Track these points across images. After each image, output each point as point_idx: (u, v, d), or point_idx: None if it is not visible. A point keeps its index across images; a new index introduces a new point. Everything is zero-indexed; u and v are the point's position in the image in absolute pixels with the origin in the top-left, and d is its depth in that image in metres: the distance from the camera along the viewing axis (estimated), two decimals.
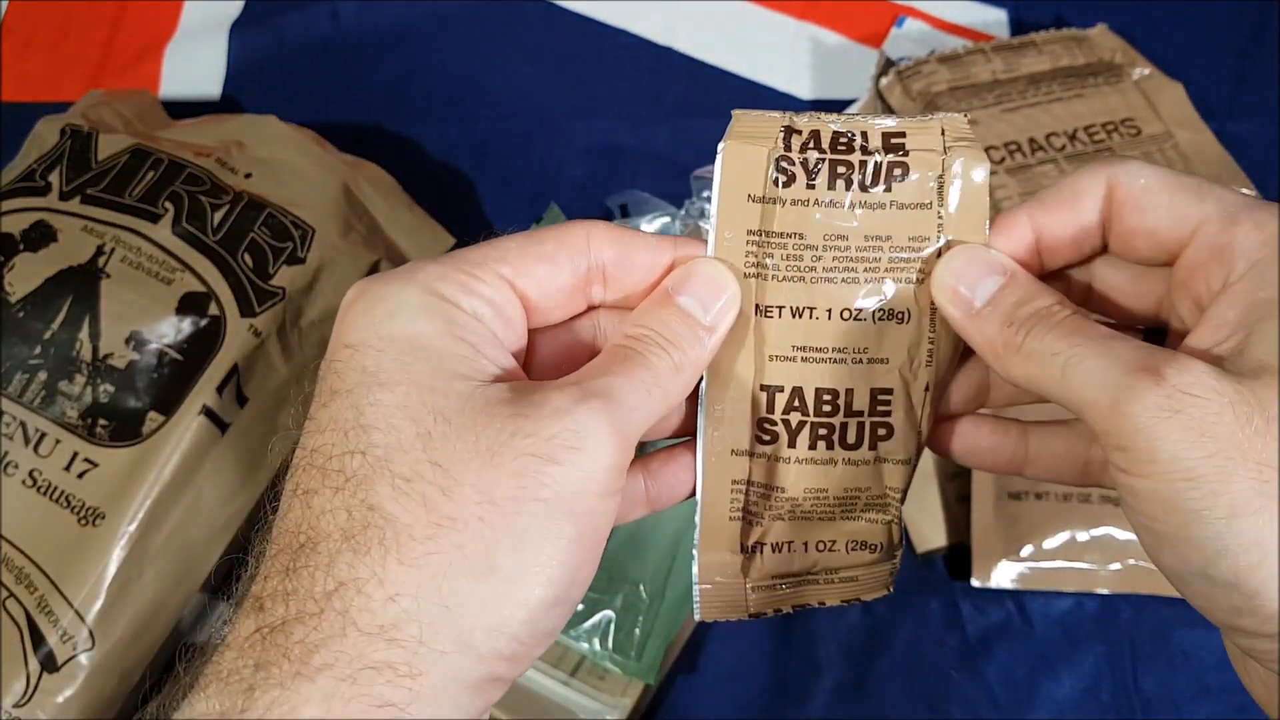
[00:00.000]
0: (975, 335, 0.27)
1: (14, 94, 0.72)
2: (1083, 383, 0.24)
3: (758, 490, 0.29)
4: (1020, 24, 0.71)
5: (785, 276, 0.28)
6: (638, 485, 0.29)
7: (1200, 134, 0.61)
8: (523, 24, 0.73)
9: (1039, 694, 0.51)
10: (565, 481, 0.24)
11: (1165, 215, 0.26)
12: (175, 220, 0.53)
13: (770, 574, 0.30)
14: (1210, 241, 0.26)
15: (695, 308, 0.27)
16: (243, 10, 0.74)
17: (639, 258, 0.28)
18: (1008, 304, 0.26)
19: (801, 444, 0.29)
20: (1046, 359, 0.25)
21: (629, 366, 0.26)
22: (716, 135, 0.28)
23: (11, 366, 0.51)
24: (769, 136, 0.28)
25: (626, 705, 0.49)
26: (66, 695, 0.48)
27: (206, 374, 0.51)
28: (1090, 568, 0.52)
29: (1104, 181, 0.27)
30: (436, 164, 0.68)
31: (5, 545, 0.49)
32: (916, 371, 0.28)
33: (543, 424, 0.24)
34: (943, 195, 0.27)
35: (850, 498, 0.29)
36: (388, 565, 0.23)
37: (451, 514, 0.23)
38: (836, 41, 0.71)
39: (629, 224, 0.61)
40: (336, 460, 0.24)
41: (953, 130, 0.28)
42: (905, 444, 0.29)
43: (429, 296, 0.26)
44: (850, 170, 0.27)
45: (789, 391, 0.29)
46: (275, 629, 0.23)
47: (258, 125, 0.60)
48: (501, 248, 0.27)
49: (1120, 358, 0.24)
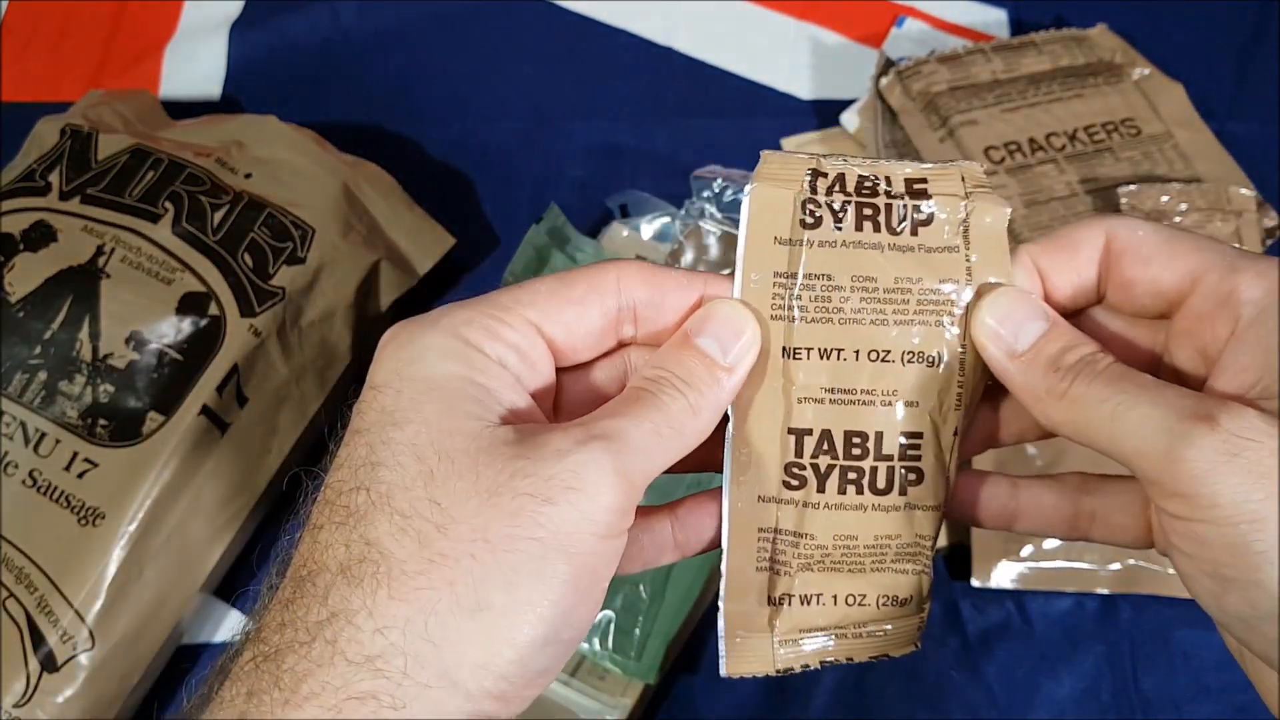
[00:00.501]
0: (1017, 378, 0.27)
1: (14, 94, 0.72)
2: (1133, 430, 0.24)
3: (786, 539, 0.29)
4: (1020, 24, 0.71)
5: (813, 318, 0.28)
6: (665, 530, 0.29)
7: (1200, 134, 0.61)
8: (523, 24, 0.73)
9: (1039, 694, 0.51)
10: (560, 521, 0.24)
11: (1166, 265, 0.27)
12: (175, 220, 0.54)
13: (798, 628, 0.29)
14: (1214, 291, 0.26)
15: (714, 348, 0.27)
16: (243, 10, 0.74)
17: (670, 298, 0.28)
18: (1053, 350, 0.27)
19: (831, 489, 0.28)
20: (1094, 406, 0.25)
21: (639, 408, 0.26)
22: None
23: (11, 366, 0.51)
24: (795, 179, 0.28)
25: (626, 705, 0.49)
26: (66, 695, 0.48)
27: (206, 374, 0.51)
28: (1090, 568, 0.52)
29: (1101, 233, 0.28)
30: (436, 164, 0.68)
31: (5, 545, 0.49)
32: (946, 415, 0.28)
33: (542, 464, 0.24)
34: (968, 239, 0.28)
35: (880, 546, 0.29)
36: (378, 598, 0.23)
37: (445, 550, 0.24)
38: (836, 41, 0.71)
39: (629, 224, 0.61)
40: (345, 496, 0.25)
41: (971, 178, 0.28)
42: (935, 490, 0.29)
43: (454, 341, 0.26)
44: (876, 213, 0.28)
45: (818, 434, 0.28)
46: (269, 657, 0.24)
47: (258, 125, 0.60)
48: (532, 291, 0.27)
49: (1171, 405, 0.24)
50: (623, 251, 0.61)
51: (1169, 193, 0.56)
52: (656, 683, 0.49)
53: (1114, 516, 0.30)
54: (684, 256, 0.57)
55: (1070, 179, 0.58)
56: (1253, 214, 0.55)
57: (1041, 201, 0.57)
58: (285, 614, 0.24)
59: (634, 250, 0.61)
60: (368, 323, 0.59)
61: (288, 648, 0.23)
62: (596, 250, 0.60)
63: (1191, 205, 0.56)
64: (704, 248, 0.58)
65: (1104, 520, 0.30)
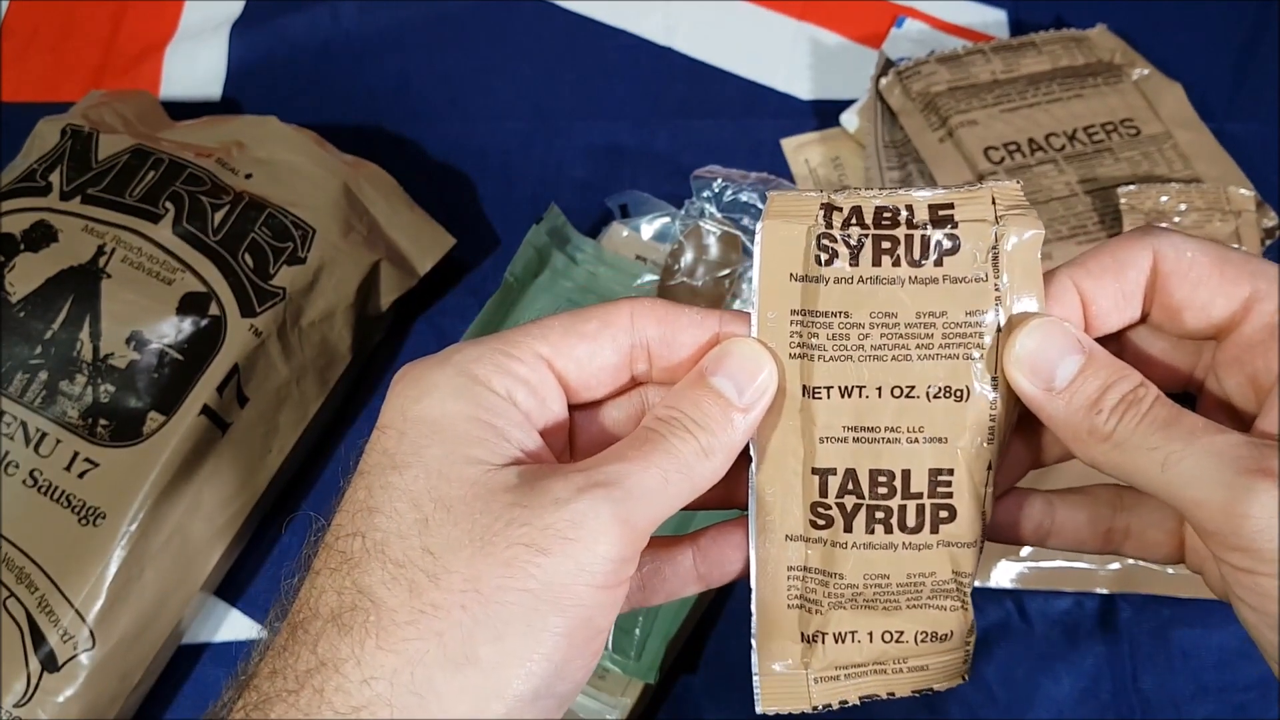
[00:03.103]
0: (1055, 415, 0.26)
1: (14, 94, 0.72)
2: (1189, 481, 0.24)
3: (815, 576, 0.28)
4: (1020, 24, 0.71)
5: (832, 356, 0.27)
6: (686, 561, 0.29)
7: (1200, 134, 0.61)
8: (523, 24, 0.73)
9: (1039, 693, 0.51)
10: (554, 572, 0.23)
11: (1218, 290, 0.26)
12: (176, 220, 0.54)
13: (834, 664, 0.29)
14: (1268, 319, 0.26)
15: (729, 389, 0.27)
16: (243, 11, 0.74)
17: (683, 336, 0.27)
18: (1092, 388, 0.26)
19: (858, 528, 0.28)
20: (1142, 452, 0.25)
21: (647, 451, 0.25)
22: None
23: (12, 366, 0.51)
24: (808, 214, 0.27)
25: (626, 705, 0.49)
26: (67, 695, 0.48)
27: (207, 374, 0.51)
28: (1090, 567, 0.52)
29: (1149, 253, 0.27)
30: (436, 164, 0.68)
31: (6, 545, 0.49)
32: (979, 450, 0.27)
33: (539, 513, 0.24)
34: (998, 267, 0.26)
35: (915, 584, 0.28)
36: (366, 648, 0.23)
37: (436, 601, 0.23)
38: (836, 42, 0.71)
39: (629, 224, 0.61)
40: (343, 541, 0.25)
41: (1004, 198, 0.27)
42: (970, 526, 0.28)
43: (461, 378, 0.26)
44: (896, 246, 0.27)
45: (842, 474, 0.28)
46: (258, 705, 0.23)
47: (258, 126, 0.60)
48: (544, 326, 0.27)
49: (1226, 455, 0.24)
50: (623, 251, 0.61)
51: (1168, 193, 0.56)
52: (656, 683, 0.49)
53: (1148, 533, 0.30)
54: (684, 256, 0.58)
55: (1070, 179, 0.58)
56: (1252, 214, 0.56)
57: (1041, 202, 0.57)
58: (277, 661, 0.24)
59: (634, 250, 0.61)
60: (368, 323, 0.59)
61: (277, 696, 0.23)
62: (596, 250, 0.60)
63: (1191, 205, 0.56)
64: (704, 248, 0.58)
65: (1138, 537, 0.30)
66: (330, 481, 0.58)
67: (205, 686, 0.53)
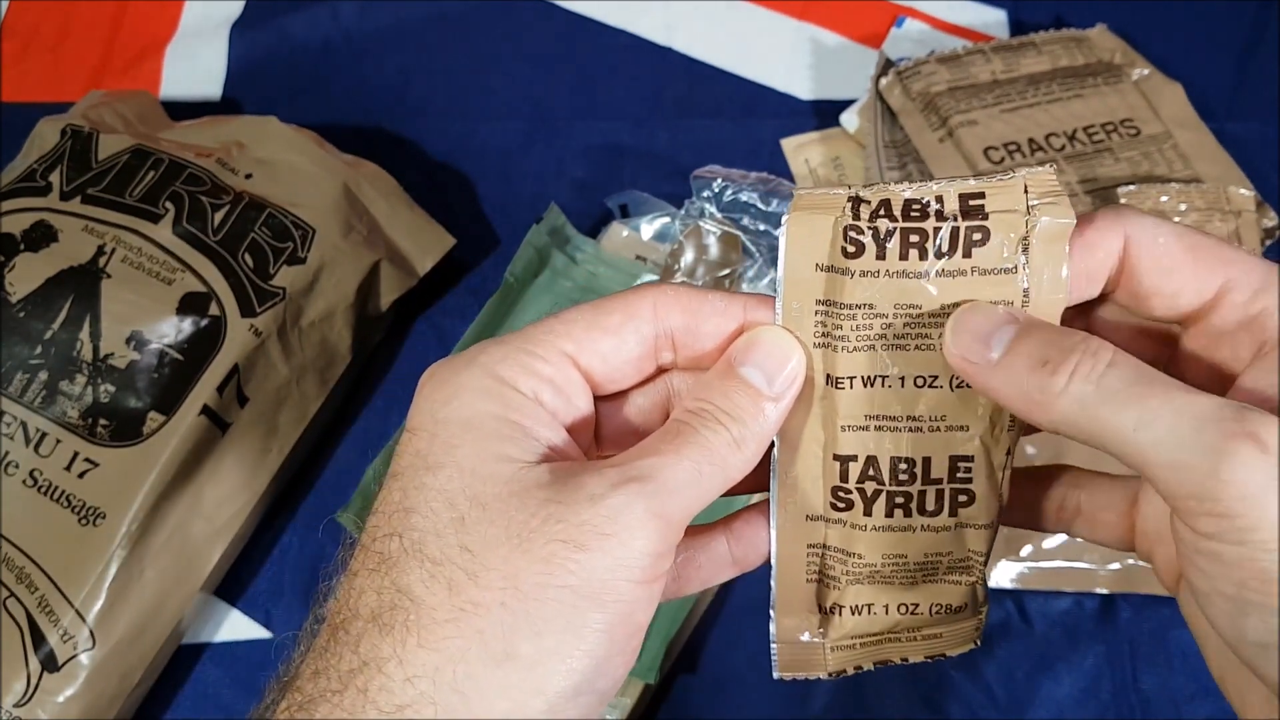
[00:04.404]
0: (1001, 387, 0.25)
1: (14, 94, 0.72)
2: (1165, 442, 0.23)
3: (834, 554, 0.29)
4: (1020, 24, 0.71)
5: (855, 347, 0.27)
6: (720, 546, 0.29)
7: (1200, 134, 0.61)
8: (523, 24, 0.73)
9: (1039, 693, 0.51)
10: (593, 568, 0.23)
11: (1189, 280, 0.26)
12: (176, 220, 0.54)
13: (850, 634, 0.29)
14: (1239, 312, 0.25)
15: (759, 378, 0.26)
16: (243, 10, 0.74)
17: (709, 324, 0.27)
18: (1032, 347, 0.25)
19: (878, 512, 0.28)
20: (1107, 408, 0.23)
21: (679, 444, 0.25)
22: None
23: (12, 366, 0.51)
24: (835, 206, 0.27)
25: (626, 705, 0.49)
26: (67, 695, 0.48)
27: (207, 374, 0.51)
28: (1090, 567, 0.52)
29: (1120, 235, 0.26)
30: (436, 164, 0.68)
31: (6, 545, 0.49)
32: (998, 437, 0.27)
33: (575, 509, 0.24)
34: (1029, 257, 0.26)
35: (931, 563, 0.28)
36: (408, 646, 0.23)
37: (475, 599, 0.23)
38: (836, 42, 0.71)
39: (629, 224, 0.61)
40: (380, 542, 0.25)
41: (1037, 185, 0.26)
42: (987, 509, 0.28)
43: (488, 379, 0.26)
44: (925, 239, 0.26)
45: (863, 460, 0.28)
46: (303, 706, 0.24)
47: (258, 126, 0.60)
48: (567, 323, 0.27)
49: (1207, 417, 0.22)
50: (622, 251, 0.61)
51: (1168, 193, 0.56)
52: (656, 683, 0.49)
53: (1099, 515, 0.30)
54: (684, 256, 0.58)
55: (1070, 179, 0.58)
56: (1252, 214, 0.56)
57: None
58: (319, 662, 0.24)
59: (634, 250, 0.61)
60: (368, 323, 0.59)
61: (321, 697, 0.23)
62: (596, 250, 0.60)
63: (1191, 205, 0.56)
64: (704, 248, 0.58)
65: (1088, 517, 0.30)
66: (330, 481, 0.58)
67: (205, 686, 0.53)
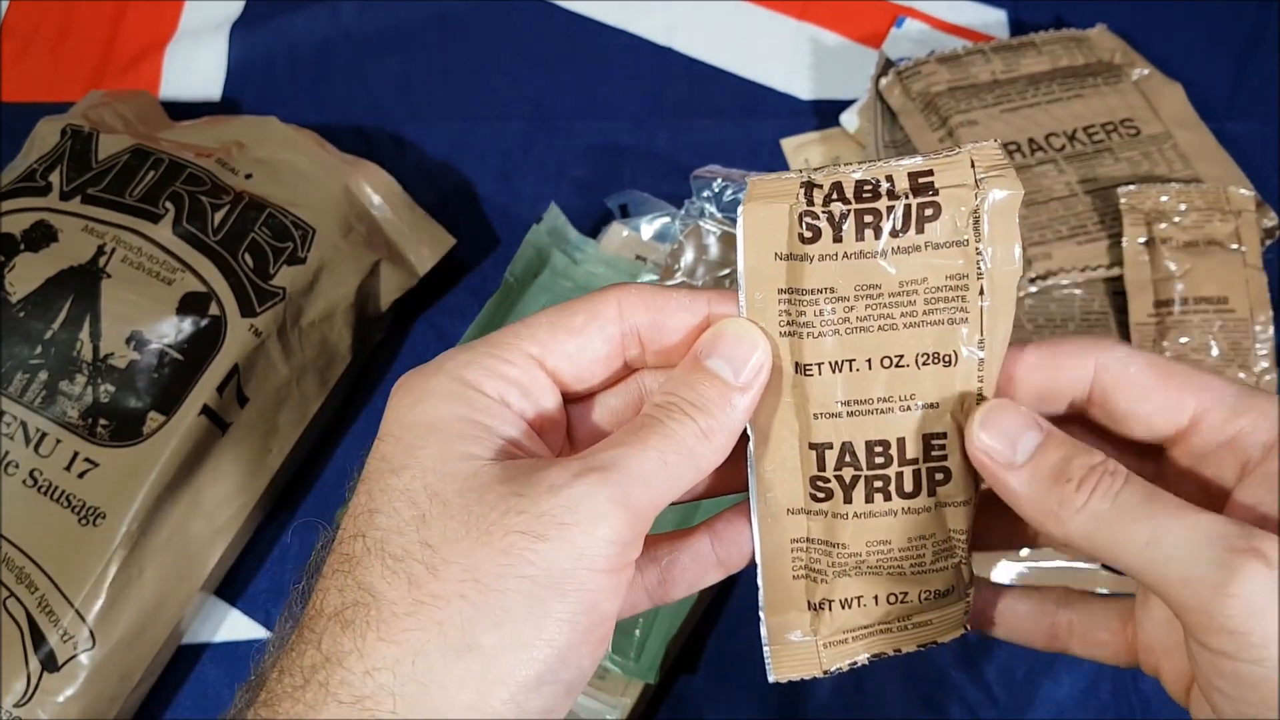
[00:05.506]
0: (1021, 492, 0.26)
1: (14, 94, 0.72)
2: (1175, 558, 0.23)
3: (819, 547, 0.29)
4: (1020, 24, 0.71)
5: (820, 332, 0.27)
6: (704, 548, 0.29)
7: (1200, 134, 0.61)
8: (523, 24, 0.73)
9: (1039, 694, 0.51)
10: (554, 558, 0.23)
11: (1162, 406, 0.26)
12: (176, 220, 0.54)
13: (841, 629, 0.29)
14: (1217, 432, 0.26)
15: (725, 370, 0.27)
16: (243, 10, 0.74)
17: (673, 320, 0.28)
18: (1055, 458, 0.26)
19: (857, 498, 0.28)
20: (1123, 525, 0.24)
21: (644, 435, 0.26)
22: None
23: (12, 366, 0.51)
24: (788, 194, 0.27)
25: (626, 705, 0.49)
26: (67, 695, 0.48)
27: (207, 374, 0.51)
28: (1090, 568, 0.52)
29: (1090, 363, 0.27)
30: (436, 164, 0.68)
31: (6, 545, 0.49)
32: (969, 411, 0.28)
33: (535, 501, 0.24)
34: (979, 230, 0.27)
35: (915, 547, 0.29)
36: (368, 640, 0.23)
37: (435, 591, 0.23)
38: (836, 42, 0.71)
39: (629, 224, 0.61)
40: (346, 544, 0.25)
41: (983, 159, 0.27)
42: (964, 485, 0.28)
43: (453, 384, 0.26)
44: (879, 218, 0.27)
45: (839, 448, 0.28)
46: (266, 703, 0.24)
47: (258, 126, 0.60)
48: (532, 326, 0.27)
49: (1214, 533, 0.23)
50: (622, 251, 0.61)
51: (1168, 193, 0.56)
52: (656, 682, 0.49)
53: (1093, 633, 0.30)
54: (684, 256, 0.57)
55: (1070, 179, 0.58)
56: (1252, 214, 0.56)
57: (1041, 202, 0.57)
58: (284, 660, 0.24)
59: (634, 250, 0.61)
60: (368, 323, 0.59)
61: (284, 694, 0.24)
62: (596, 250, 0.60)
63: (1191, 205, 0.56)
64: (704, 248, 0.58)
65: (1083, 635, 0.30)
66: (330, 481, 0.58)
67: (205, 686, 0.53)
